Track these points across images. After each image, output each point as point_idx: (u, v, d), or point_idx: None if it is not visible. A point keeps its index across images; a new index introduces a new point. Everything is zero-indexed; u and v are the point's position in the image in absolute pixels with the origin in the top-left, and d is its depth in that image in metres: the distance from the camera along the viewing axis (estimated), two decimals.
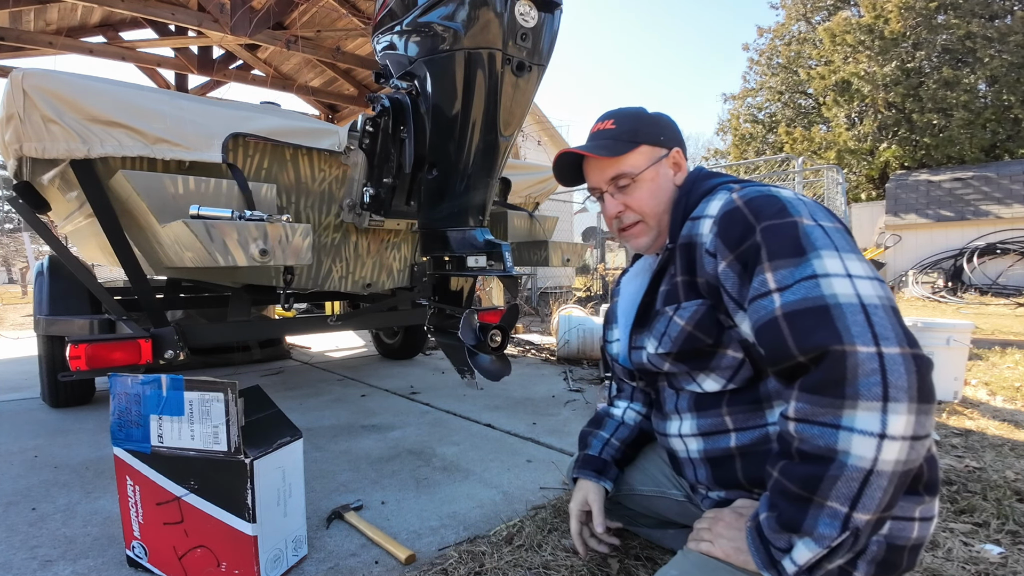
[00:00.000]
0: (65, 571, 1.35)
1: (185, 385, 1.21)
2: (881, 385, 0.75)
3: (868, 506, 0.76)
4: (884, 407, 0.75)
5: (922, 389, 0.76)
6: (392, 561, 1.38)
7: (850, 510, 0.77)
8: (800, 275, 0.85)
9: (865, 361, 0.76)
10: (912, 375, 0.75)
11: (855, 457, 0.76)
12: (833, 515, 0.78)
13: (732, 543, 0.92)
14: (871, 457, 0.75)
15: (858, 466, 0.76)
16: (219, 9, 4.88)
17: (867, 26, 14.78)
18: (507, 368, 1.84)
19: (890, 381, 0.75)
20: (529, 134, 10.49)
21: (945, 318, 4.66)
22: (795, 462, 0.83)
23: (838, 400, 0.77)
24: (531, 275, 8.72)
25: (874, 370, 0.76)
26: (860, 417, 0.76)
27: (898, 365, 0.76)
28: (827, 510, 0.78)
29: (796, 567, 0.82)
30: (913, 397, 0.75)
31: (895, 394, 0.75)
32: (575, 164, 1.23)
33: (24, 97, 1.63)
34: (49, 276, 2.87)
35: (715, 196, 1.01)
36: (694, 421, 1.08)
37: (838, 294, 0.81)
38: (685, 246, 1.03)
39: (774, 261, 0.88)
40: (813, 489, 0.79)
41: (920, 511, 0.91)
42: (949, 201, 11.60)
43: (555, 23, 1.67)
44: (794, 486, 0.82)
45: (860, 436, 0.76)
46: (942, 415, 2.56)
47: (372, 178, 2.11)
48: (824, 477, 0.78)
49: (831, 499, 0.78)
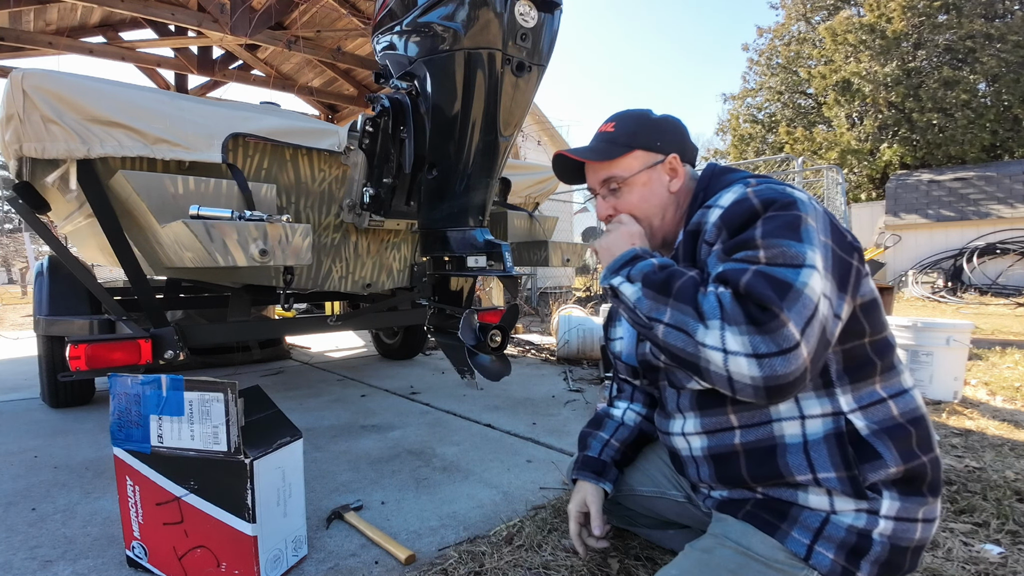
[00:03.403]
0: (65, 571, 1.35)
1: (185, 385, 1.21)
2: (771, 349, 0.81)
3: (669, 318, 0.91)
4: (750, 353, 0.82)
5: (768, 378, 0.81)
6: (392, 561, 1.38)
7: (665, 320, 0.92)
8: (788, 259, 0.86)
9: (784, 336, 0.81)
10: (778, 371, 0.81)
11: (706, 358, 0.86)
12: (660, 310, 0.93)
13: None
14: (717, 361, 0.85)
15: (710, 359, 0.86)
16: (219, 9, 4.88)
17: (869, 25, 14.78)
18: (507, 368, 1.84)
19: (772, 351, 0.81)
20: (529, 134, 10.48)
21: (945, 318, 4.65)
22: (699, 289, 0.90)
23: (743, 321, 0.83)
24: (531, 275, 8.72)
25: (780, 345, 0.80)
26: (729, 339, 0.83)
27: (788, 361, 0.81)
28: (669, 308, 0.92)
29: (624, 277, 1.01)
30: (758, 365, 0.81)
31: (764, 353, 0.81)
32: (576, 162, 1.23)
33: (24, 97, 1.63)
34: (49, 276, 2.87)
35: (731, 188, 1.01)
36: (697, 419, 1.08)
37: (809, 285, 0.84)
38: (691, 233, 1.03)
39: (767, 239, 0.89)
40: (672, 294, 0.91)
41: (923, 512, 0.91)
42: (949, 201, 11.61)
43: (555, 23, 1.66)
44: (676, 283, 0.93)
45: (717, 338, 0.84)
46: (942, 415, 2.56)
47: (372, 178, 2.11)
48: (685, 304, 0.90)
49: (673, 306, 0.91)
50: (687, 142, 1.19)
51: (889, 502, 0.90)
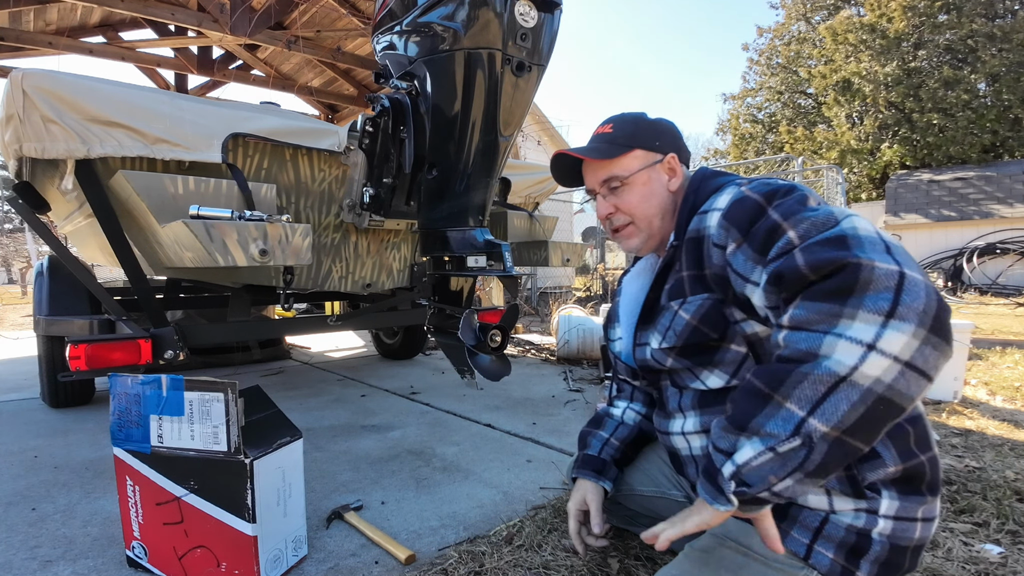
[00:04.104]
0: (65, 571, 1.35)
1: (185, 385, 1.21)
2: (891, 301, 0.68)
3: (829, 416, 0.69)
4: (885, 322, 0.67)
5: (937, 320, 0.68)
6: (392, 561, 1.38)
7: (807, 414, 0.70)
8: (820, 224, 0.81)
9: (883, 277, 0.69)
10: (931, 302, 0.68)
11: (833, 361, 0.69)
12: (787, 417, 0.71)
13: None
14: (850, 364, 0.68)
15: (832, 370, 0.69)
16: (219, 9, 4.88)
17: (869, 25, 14.77)
18: (507, 368, 1.84)
19: (903, 300, 0.68)
20: (529, 134, 10.48)
21: None
22: (771, 364, 0.77)
23: (838, 308, 0.70)
24: (531, 275, 8.72)
25: (889, 288, 0.69)
26: (856, 326, 0.69)
27: (918, 288, 0.68)
28: (783, 411, 0.72)
29: (734, 467, 0.76)
30: (924, 323, 0.67)
31: (904, 312, 0.67)
32: (574, 165, 1.24)
33: (24, 97, 1.63)
34: (49, 276, 2.87)
35: (723, 191, 1.01)
36: (698, 418, 1.08)
37: (858, 227, 0.77)
38: (692, 240, 1.02)
39: (790, 219, 0.84)
40: (775, 387, 0.73)
41: (922, 511, 0.91)
42: (949, 201, 11.60)
43: (555, 23, 1.67)
44: (758, 382, 0.76)
45: (846, 342, 0.69)
46: (942, 415, 2.56)
47: (372, 178, 2.11)
48: (791, 374, 0.72)
49: (791, 400, 0.72)
50: (683, 143, 1.20)
51: (888, 501, 0.90)
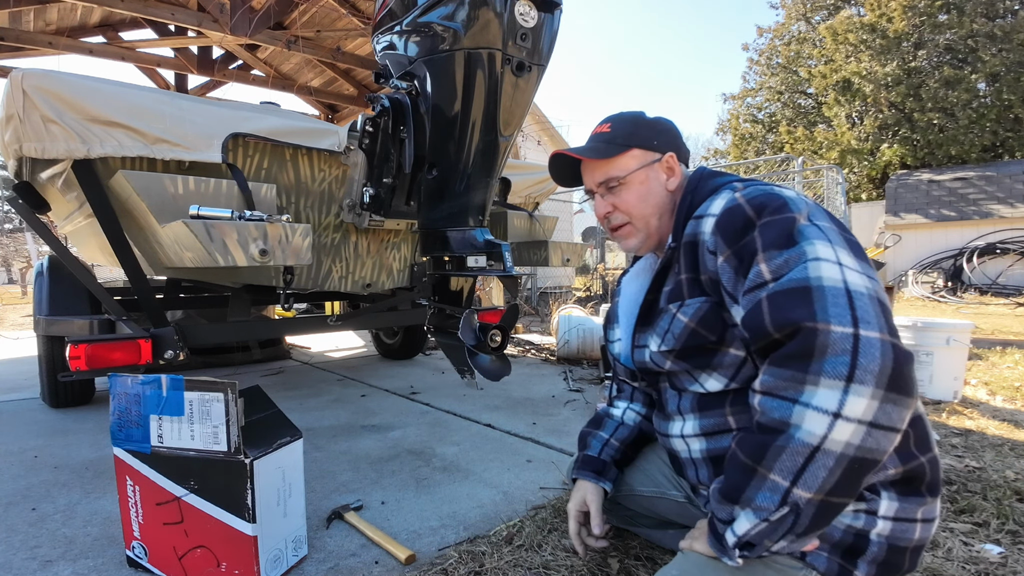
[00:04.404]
0: (65, 571, 1.35)
1: (185, 385, 1.22)
2: (849, 365, 0.73)
3: (811, 484, 0.75)
4: (846, 387, 0.73)
5: (895, 378, 0.73)
6: (392, 561, 1.38)
7: (791, 485, 0.76)
8: (791, 263, 0.85)
9: (838, 340, 0.75)
10: (887, 360, 0.73)
11: (804, 432, 0.75)
12: (773, 488, 0.78)
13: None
14: (820, 434, 0.74)
15: (805, 441, 0.75)
16: (219, 9, 4.88)
17: (869, 25, 14.76)
18: (507, 368, 1.84)
19: (860, 363, 0.73)
20: (529, 134, 10.49)
21: (945, 318, 4.65)
22: (753, 434, 0.83)
23: (800, 375, 0.77)
24: (531, 275, 8.72)
25: (845, 350, 0.74)
26: (820, 394, 0.75)
27: (873, 349, 0.74)
28: (768, 482, 0.78)
29: (736, 537, 0.82)
30: (881, 384, 0.73)
31: (861, 376, 0.73)
32: (572, 165, 1.24)
33: (24, 97, 1.63)
34: (49, 276, 2.87)
35: (719, 195, 1.01)
36: (697, 421, 1.08)
37: (823, 277, 0.81)
38: (689, 244, 1.03)
39: (767, 251, 0.88)
40: (759, 459, 0.79)
41: (922, 512, 0.91)
42: (949, 201, 11.59)
43: (555, 23, 1.67)
44: (743, 455, 0.82)
45: (813, 412, 0.75)
46: (942, 415, 2.56)
47: (372, 178, 2.11)
48: (770, 448, 0.78)
49: (774, 471, 0.78)
50: (682, 142, 1.20)
51: (887, 502, 0.90)
